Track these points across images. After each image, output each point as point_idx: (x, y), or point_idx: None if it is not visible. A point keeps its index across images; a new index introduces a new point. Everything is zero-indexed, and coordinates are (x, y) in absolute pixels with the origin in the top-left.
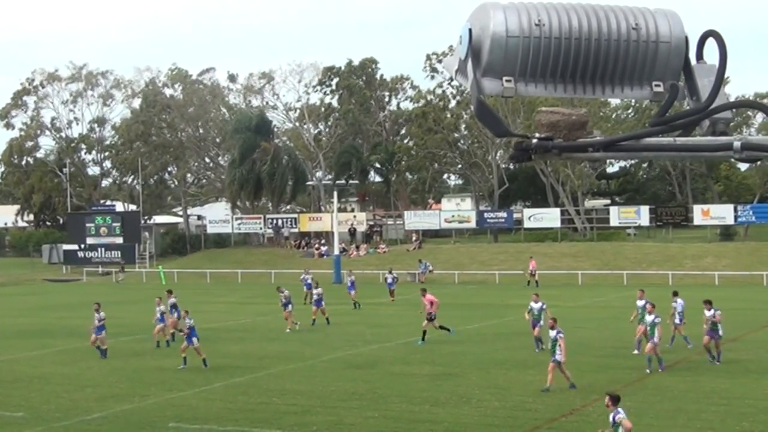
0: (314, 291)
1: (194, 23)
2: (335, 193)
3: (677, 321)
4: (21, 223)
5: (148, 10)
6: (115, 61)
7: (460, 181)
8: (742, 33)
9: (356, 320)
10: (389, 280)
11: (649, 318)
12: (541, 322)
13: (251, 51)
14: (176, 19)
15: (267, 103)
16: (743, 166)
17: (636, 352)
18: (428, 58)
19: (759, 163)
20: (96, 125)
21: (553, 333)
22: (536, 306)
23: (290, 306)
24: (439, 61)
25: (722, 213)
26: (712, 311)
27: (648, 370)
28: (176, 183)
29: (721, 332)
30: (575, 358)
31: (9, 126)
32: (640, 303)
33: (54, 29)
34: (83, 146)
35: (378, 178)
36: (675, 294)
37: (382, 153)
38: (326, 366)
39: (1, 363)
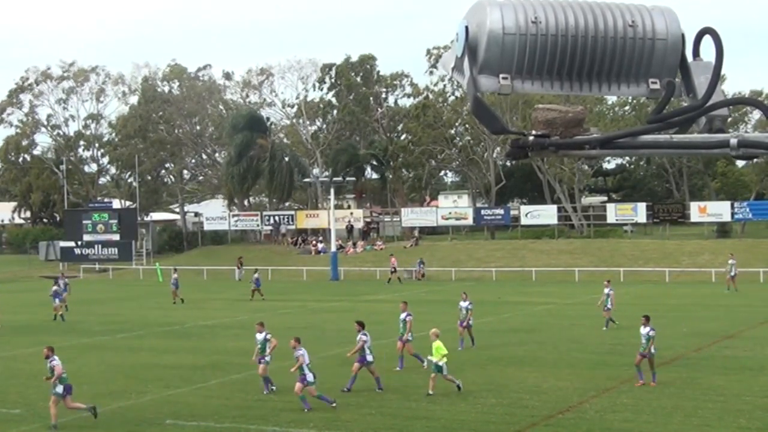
0: (60, 284)
1: (190, 20)
2: (332, 190)
3: (470, 322)
4: (18, 220)
5: (142, 7)
6: (108, 58)
7: (457, 178)
8: (739, 30)
9: (352, 317)
10: (253, 278)
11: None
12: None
13: (247, 48)
14: (172, 16)
15: (265, 100)
16: (740, 163)
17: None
18: (428, 52)
19: (756, 160)
20: (90, 122)
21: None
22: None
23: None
24: (439, 56)
25: (719, 210)
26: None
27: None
28: (173, 180)
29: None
30: (571, 354)
31: (4, 122)
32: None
33: (45, 27)
34: (81, 143)
35: (375, 175)
36: (464, 296)
37: (379, 150)
38: (323, 363)
39: None
